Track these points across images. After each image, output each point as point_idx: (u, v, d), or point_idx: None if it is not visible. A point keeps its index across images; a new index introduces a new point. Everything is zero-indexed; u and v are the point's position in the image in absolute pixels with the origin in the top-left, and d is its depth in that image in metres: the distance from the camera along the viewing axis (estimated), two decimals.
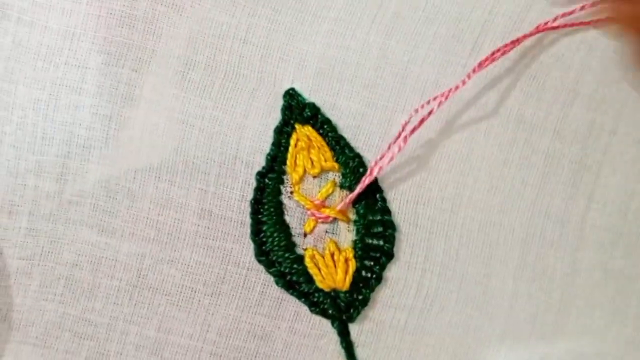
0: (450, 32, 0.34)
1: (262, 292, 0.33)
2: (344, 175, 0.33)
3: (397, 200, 0.34)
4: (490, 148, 0.35)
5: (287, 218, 0.34)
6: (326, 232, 0.34)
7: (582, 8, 0.32)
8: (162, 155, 0.33)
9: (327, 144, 0.33)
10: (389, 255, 0.33)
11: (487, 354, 0.35)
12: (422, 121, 0.32)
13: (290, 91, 0.33)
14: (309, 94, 0.34)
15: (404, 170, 0.34)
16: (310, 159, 0.33)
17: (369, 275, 0.33)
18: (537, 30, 0.33)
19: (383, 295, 0.34)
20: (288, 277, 0.33)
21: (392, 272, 0.34)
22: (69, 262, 0.33)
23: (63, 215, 0.33)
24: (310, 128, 0.33)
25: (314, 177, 0.34)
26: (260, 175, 0.33)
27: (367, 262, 0.33)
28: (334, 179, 0.34)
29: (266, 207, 0.33)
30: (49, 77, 0.33)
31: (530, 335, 0.35)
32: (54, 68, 0.33)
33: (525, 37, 0.33)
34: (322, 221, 0.33)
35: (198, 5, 0.33)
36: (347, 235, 0.34)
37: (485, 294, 0.34)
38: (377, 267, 0.33)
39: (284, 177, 0.34)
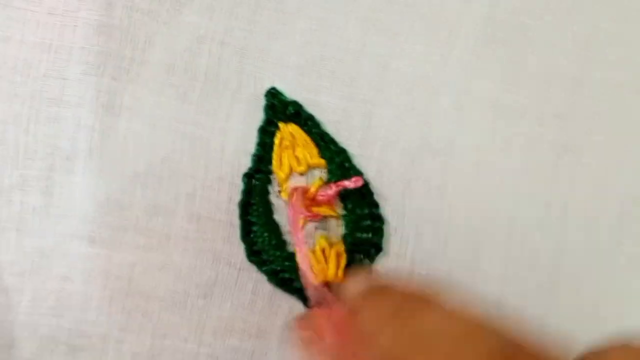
0: (426, 22, 0.34)
1: (255, 290, 0.34)
2: (330, 171, 0.34)
3: (385, 193, 0.34)
4: (472, 135, 0.35)
5: (277, 217, 0.34)
6: (316, 228, 0.34)
7: None
8: (147, 163, 0.33)
9: (312, 140, 0.34)
10: (379, 248, 0.34)
11: None
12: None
13: (272, 90, 0.34)
14: (290, 93, 0.34)
15: (388, 162, 0.34)
16: (296, 156, 0.33)
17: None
18: None
19: None
20: (280, 275, 0.33)
21: (383, 263, 0.34)
22: (60, 275, 0.33)
23: (51, 229, 0.33)
24: (294, 126, 0.34)
25: (301, 174, 0.34)
26: (247, 177, 0.33)
27: (357, 256, 0.34)
28: (321, 175, 0.34)
29: (255, 207, 0.33)
30: (27, 91, 0.33)
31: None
32: (32, 81, 0.33)
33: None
34: (311, 219, 0.34)
35: (174, 10, 0.33)
36: (337, 230, 0.34)
37: (475, 278, 0.35)
38: (368, 259, 0.34)
39: (271, 176, 0.34)
